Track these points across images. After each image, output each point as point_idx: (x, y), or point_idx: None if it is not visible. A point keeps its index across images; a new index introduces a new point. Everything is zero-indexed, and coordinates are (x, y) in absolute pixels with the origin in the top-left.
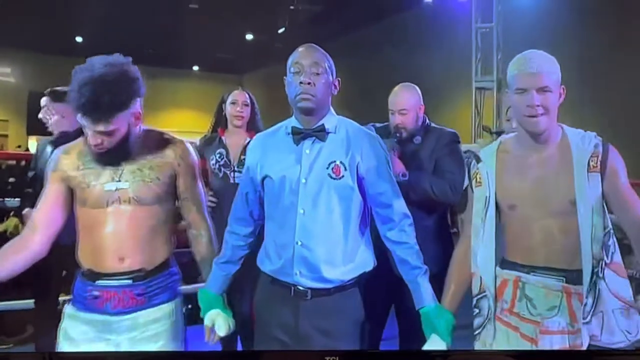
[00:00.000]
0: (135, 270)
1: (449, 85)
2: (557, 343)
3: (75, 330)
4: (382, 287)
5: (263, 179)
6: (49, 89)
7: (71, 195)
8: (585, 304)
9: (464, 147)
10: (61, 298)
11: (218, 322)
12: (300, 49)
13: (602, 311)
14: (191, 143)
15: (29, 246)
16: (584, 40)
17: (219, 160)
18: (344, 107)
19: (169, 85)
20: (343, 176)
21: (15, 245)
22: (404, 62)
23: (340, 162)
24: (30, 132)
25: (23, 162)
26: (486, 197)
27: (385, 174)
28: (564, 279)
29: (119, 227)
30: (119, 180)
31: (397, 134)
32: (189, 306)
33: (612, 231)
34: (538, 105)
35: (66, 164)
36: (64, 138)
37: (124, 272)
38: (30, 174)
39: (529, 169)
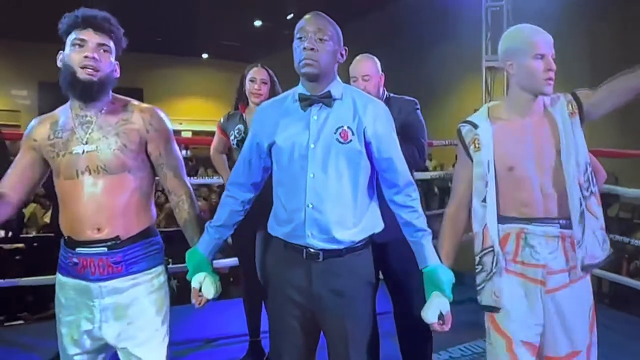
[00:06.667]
0: (110, 239)
1: (459, 64)
2: (561, 281)
3: (64, 295)
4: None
5: (270, 145)
6: None
7: (43, 167)
8: (578, 237)
9: None
10: None
11: (206, 285)
12: (306, 16)
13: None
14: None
15: None
16: (595, 16)
17: (237, 136)
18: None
19: (178, 73)
20: (351, 140)
21: None
22: (414, 42)
23: (348, 127)
24: None
25: None
26: (487, 160)
27: (391, 140)
28: (559, 225)
29: (92, 198)
30: (86, 143)
31: None
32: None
33: (588, 167)
34: (554, 70)
35: (38, 132)
36: None
37: (99, 239)
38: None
39: (524, 133)
